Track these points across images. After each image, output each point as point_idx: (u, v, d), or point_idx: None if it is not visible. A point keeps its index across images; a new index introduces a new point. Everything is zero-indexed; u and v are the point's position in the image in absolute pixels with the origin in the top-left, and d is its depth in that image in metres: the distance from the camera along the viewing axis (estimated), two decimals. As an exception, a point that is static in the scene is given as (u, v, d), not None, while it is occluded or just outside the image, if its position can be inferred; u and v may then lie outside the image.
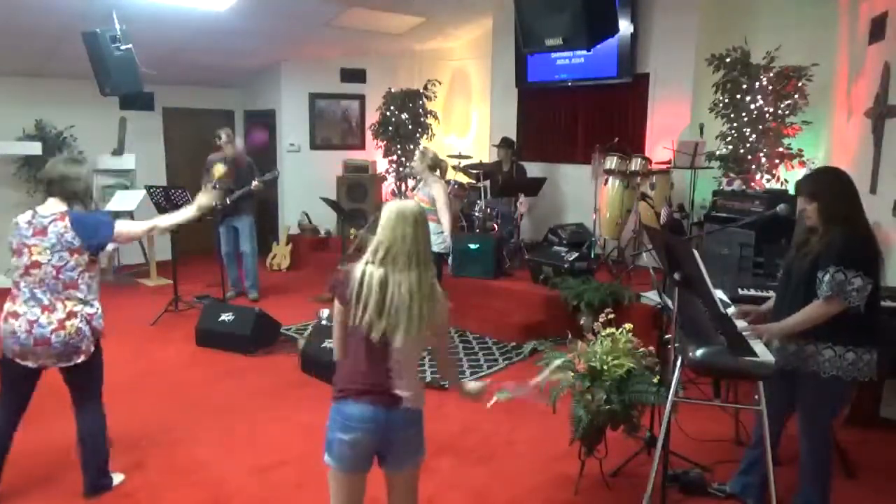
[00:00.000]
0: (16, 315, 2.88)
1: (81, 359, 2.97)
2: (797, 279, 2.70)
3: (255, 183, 6.29)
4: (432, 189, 4.95)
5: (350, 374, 2.16)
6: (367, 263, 2.14)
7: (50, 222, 2.88)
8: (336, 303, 2.22)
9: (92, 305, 2.99)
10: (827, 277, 2.53)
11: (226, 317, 5.38)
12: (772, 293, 3.24)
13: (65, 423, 3.29)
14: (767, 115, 5.67)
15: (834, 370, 2.61)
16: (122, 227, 3.06)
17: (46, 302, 2.88)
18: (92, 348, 3.00)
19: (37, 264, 2.86)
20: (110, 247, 3.15)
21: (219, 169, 6.35)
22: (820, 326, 2.59)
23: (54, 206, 2.92)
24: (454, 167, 7.49)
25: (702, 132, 6.24)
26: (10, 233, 2.92)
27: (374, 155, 8.75)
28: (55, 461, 3.40)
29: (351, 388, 2.13)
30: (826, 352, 2.62)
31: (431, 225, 4.91)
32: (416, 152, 5.24)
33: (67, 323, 2.89)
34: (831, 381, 2.61)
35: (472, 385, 2.38)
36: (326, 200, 5.92)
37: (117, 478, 3.27)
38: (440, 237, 5.04)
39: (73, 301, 2.91)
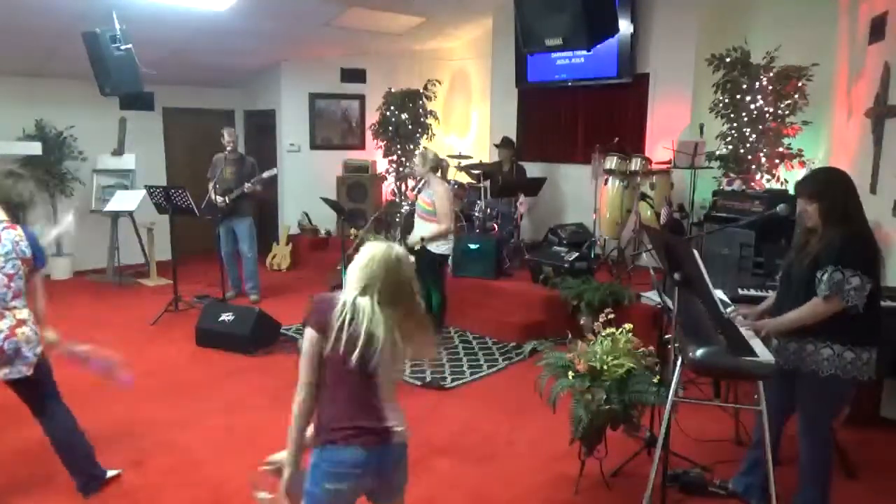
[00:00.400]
0: None
1: (30, 372, 2.91)
2: (797, 281, 2.70)
3: (247, 185, 6.28)
4: (435, 192, 4.95)
5: (335, 414, 1.96)
6: (356, 295, 1.96)
7: (2, 229, 2.86)
8: (309, 331, 1.97)
9: (30, 314, 2.95)
10: (826, 277, 2.54)
11: (226, 317, 5.38)
12: (772, 293, 3.24)
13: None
14: (767, 115, 5.67)
15: (832, 369, 2.61)
16: (42, 270, 3.03)
17: None
18: (37, 360, 2.95)
19: None
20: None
21: None
22: (819, 325, 2.59)
23: None
24: (455, 167, 7.49)
25: (702, 132, 6.24)
26: None
27: (374, 155, 8.75)
28: (55, 459, 3.40)
29: (339, 430, 1.94)
30: (824, 350, 2.62)
31: (434, 226, 4.95)
32: (416, 155, 5.21)
33: (18, 331, 2.86)
34: (830, 380, 2.62)
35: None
36: (326, 200, 5.90)
37: (111, 472, 3.26)
38: (442, 239, 5.04)
39: (19, 310, 2.90)
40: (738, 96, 5.75)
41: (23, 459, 3.44)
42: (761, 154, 5.77)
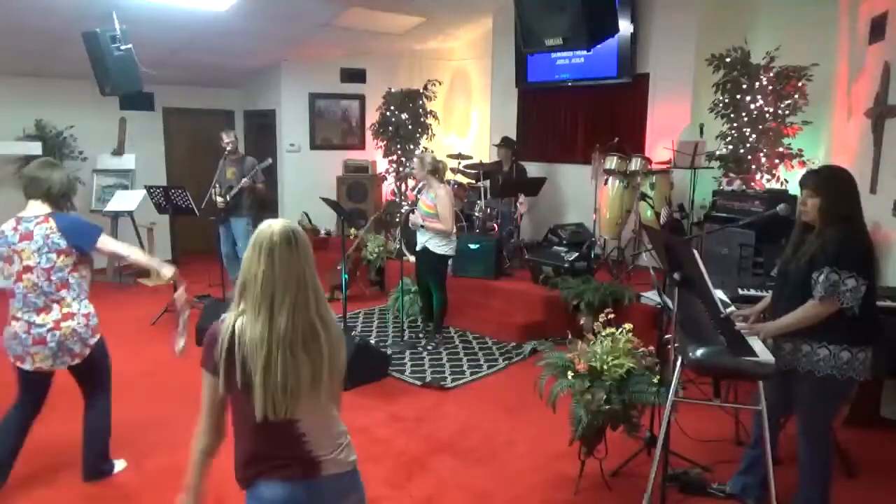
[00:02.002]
0: (16, 319, 2.94)
1: (76, 361, 3.01)
2: (793, 280, 2.70)
3: (244, 179, 6.30)
4: (437, 194, 4.96)
5: (249, 453, 1.70)
6: (236, 315, 1.65)
7: (35, 225, 2.91)
8: (204, 374, 1.74)
9: (86, 306, 3.03)
10: (822, 278, 2.54)
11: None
12: (769, 293, 3.24)
13: (74, 419, 3.31)
14: (767, 115, 5.67)
15: (829, 369, 2.61)
16: (104, 241, 3.08)
17: (41, 304, 2.92)
18: (87, 351, 3.03)
19: (28, 268, 2.89)
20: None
21: None
22: (815, 326, 2.59)
23: (36, 208, 2.95)
24: (453, 169, 7.49)
25: (702, 132, 6.23)
26: None
27: (374, 155, 8.75)
28: (64, 453, 3.41)
29: (255, 468, 1.70)
30: (821, 351, 2.62)
31: (435, 226, 4.96)
32: (415, 159, 5.23)
33: (63, 324, 2.93)
34: (826, 380, 2.62)
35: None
36: (326, 200, 5.91)
37: (119, 464, 3.37)
38: (444, 239, 5.05)
39: (66, 302, 2.95)
40: (738, 96, 5.74)
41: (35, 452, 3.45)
42: (761, 154, 5.76)
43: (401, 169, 8.27)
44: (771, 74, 5.61)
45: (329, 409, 1.76)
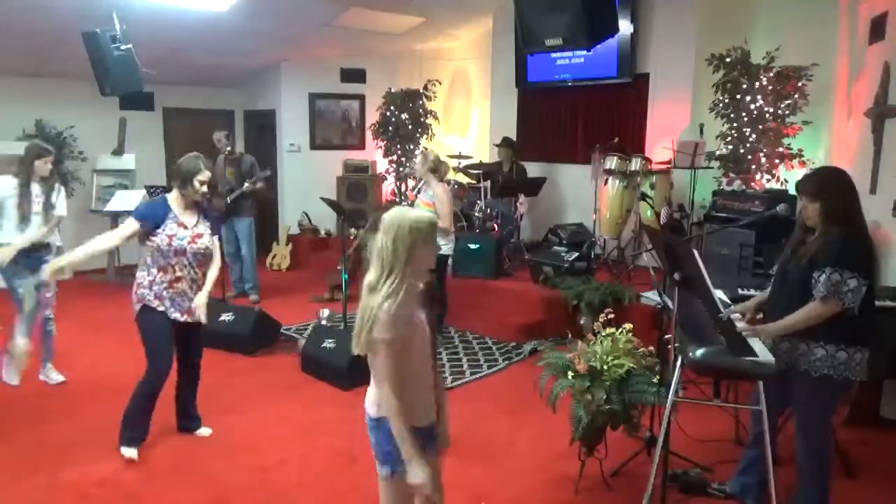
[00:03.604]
0: None
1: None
2: (793, 279, 2.70)
3: (246, 184, 6.32)
4: (435, 193, 4.96)
5: None
6: None
7: None
8: None
9: (140, 276, 3.42)
10: (823, 278, 2.53)
11: (226, 317, 5.37)
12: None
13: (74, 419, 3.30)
14: (767, 115, 5.67)
15: (825, 369, 2.61)
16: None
17: None
18: (134, 313, 3.43)
19: None
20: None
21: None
22: (813, 325, 2.59)
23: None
24: (454, 168, 7.49)
25: (702, 132, 6.24)
26: None
27: (374, 155, 8.75)
28: (64, 452, 3.41)
29: None
30: (818, 350, 2.62)
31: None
32: (418, 155, 5.24)
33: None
34: (823, 380, 2.62)
35: None
36: (326, 200, 5.91)
37: (129, 452, 3.47)
38: (443, 239, 5.05)
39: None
40: (738, 96, 5.74)
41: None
42: (761, 154, 5.76)
43: (401, 169, 8.27)
44: (771, 74, 5.61)
45: (374, 366, 2.12)
